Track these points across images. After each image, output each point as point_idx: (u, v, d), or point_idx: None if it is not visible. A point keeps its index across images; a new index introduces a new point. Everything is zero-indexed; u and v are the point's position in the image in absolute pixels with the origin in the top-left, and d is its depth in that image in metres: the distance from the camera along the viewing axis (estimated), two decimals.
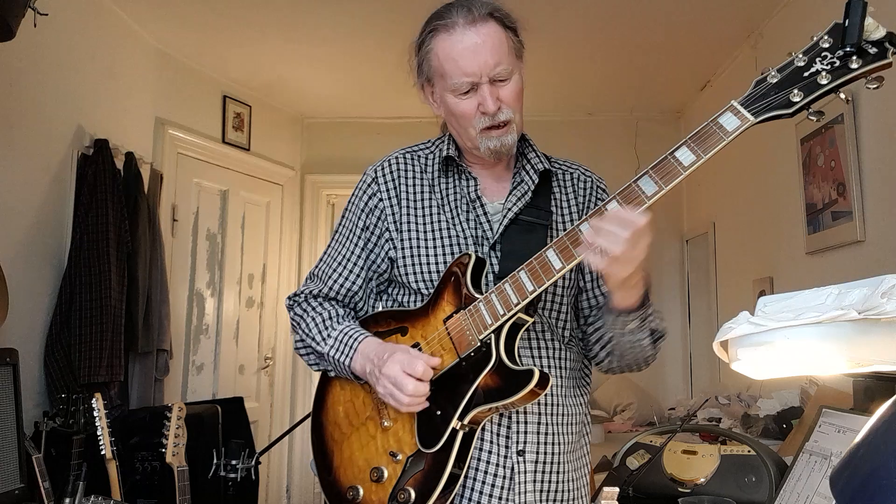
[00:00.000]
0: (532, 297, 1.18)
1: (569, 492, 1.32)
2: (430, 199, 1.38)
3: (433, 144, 1.45)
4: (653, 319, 1.29)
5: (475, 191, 1.37)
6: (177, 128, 3.75)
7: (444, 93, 1.31)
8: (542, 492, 1.29)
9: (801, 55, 1.01)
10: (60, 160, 2.82)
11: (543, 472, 1.29)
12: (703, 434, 2.05)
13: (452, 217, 1.36)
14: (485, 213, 1.35)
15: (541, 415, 1.30)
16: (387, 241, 1.38)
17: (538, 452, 1.29)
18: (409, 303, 1.37)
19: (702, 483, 1.75)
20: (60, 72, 2.82)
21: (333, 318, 1.37)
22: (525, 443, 1.28)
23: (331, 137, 4.76)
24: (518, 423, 1.29)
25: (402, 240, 1.36)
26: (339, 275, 1.40)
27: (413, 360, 1.21)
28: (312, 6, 3.17)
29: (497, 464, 1.27)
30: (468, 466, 1.25)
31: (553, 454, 1.31)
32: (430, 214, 1.37)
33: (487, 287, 1.26)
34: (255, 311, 4.36)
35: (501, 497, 1.26)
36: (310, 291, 1.43)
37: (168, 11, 3.26)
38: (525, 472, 1.27)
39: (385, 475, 1.25)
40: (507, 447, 1.28)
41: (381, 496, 1.24)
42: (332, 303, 1.42)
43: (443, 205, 1.38)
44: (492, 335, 1.21)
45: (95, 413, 2.08)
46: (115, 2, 3.17)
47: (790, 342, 0.79)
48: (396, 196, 1.39)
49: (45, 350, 2.69)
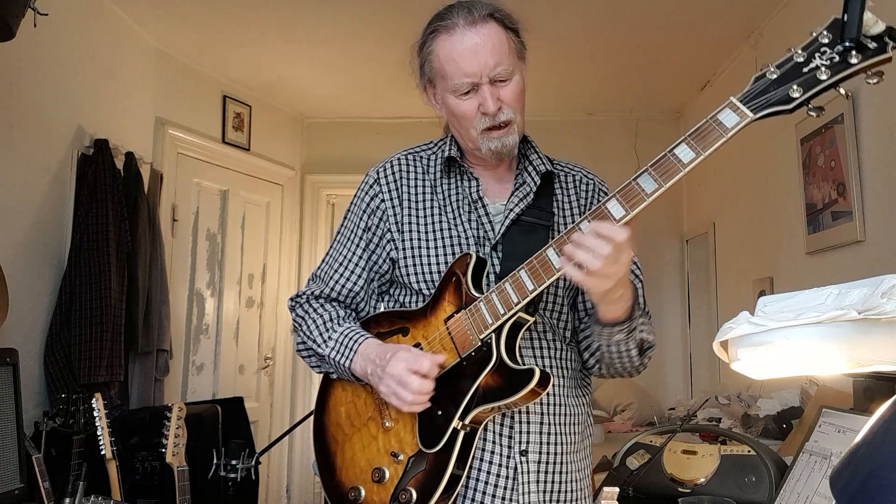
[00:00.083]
0: (532, 296, 1.18)
1: (572, 492, 1.32)
2: (432, 200, 1.38)
3: (435, 146, 1.45)
4: (641, 331, 1.29)
5: (477, 191, 1.36)
6: (177, 128, 3.75)
7: (446, 94, 1.31)
8: (546, 492, 1.28)
9: (800, 51, 1.00)
10: (60, 160, 2.82)
11: (547, 473, 1.29)
12: (703, 434, 2.05)
13: (454, 218, 1.36)
14: (486, 214, 1.35)
15: (543, 415, 1.30)
16: (388, 242, 1.38)
17: (541, 452, 1.29)
18: (411, 303, 1.36)
19: (702, 483, 1.75)
20: (60, 72, 2.82)
21: (334, 320, 1.37)
22: (528, 443, 1.28)
23: (331, 137, 4.76)
24: (520, 423, 1.28)
25: (404, 240, 1.36)
26: (341, 276, 1.40)
27: (418, 358, 1.21)
28: (312, 6, 3.17)
29: (500, 464, 1.27)
30: (470, 467, 1.25)
31: (556, 454, 1.30)
32: (432, 215, 1.37)
33: (488, 287, 1.25)
34: (255, 311, 4.36)
35: (505, 497, 1.26)
36: (311, 293, 1.43)
37: (168, 11, 3.26)
38: (528, 473, 1.27)
39: (386, 476, 1.25)
40: (510, 447, 1.28)
41: (383, 497, 1.24)
42: (334, 304, 1.42)
43: (444, 205, 1.37)
44: (492, 335, 1.21)
45: (95, 413, 2.08)
46: (115, 2, 3.17)
47: (790, 342, 0.79)
48: (398, 197, 1.39)
49: (45, 350, 2.69)
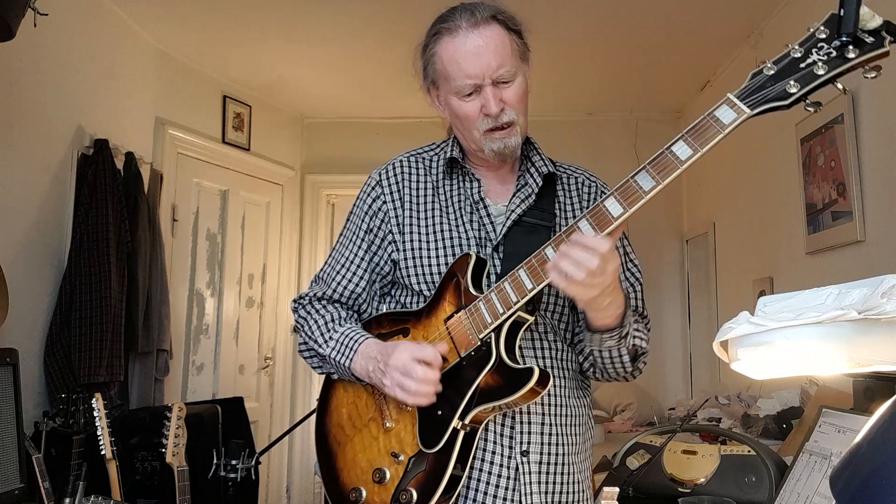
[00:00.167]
0: (531, 295, 1.18)
1: (574, 493, 1.32)
2: (434, 201, 1.39)
3: (438, 147, 1.46)
4: (635, 337, 1.29)
5: (478, 192, 1.37)
6: (177, 128, 3.75)
7: (449, 95, 1.32)
8: (547, 493, 1.28)
9: (798, 46, 1.00)
10: (60, 160, 2.82)
11: (548, 474, 1.29)
12: (703, 434, 2.05)
13: (455, 219, 1.36)
14: (488, 215, 1.35)
15: (544, 415, 1.30)
16: (389, 244, 1.38)
17: (542, 453, 1.28)
18: (412, 304, 1.37)
19: (702, 483, 1.74)
20: (60, 72, 2.82)
21: (335, 321, 1.38)
22: (529, 443, 1.28)
23: (331, 137, 4.76)
24: (521, 424, 1.28)
25: (405, 241, 1.36)
26: (343, 277, 1.41)
27: (421, 347, 1.22)
28: (312, 6, 3.17)
29: (501, 464, 1.27)
30: (471, 467, 1.25)
31: (558, 455, 1.30)
32: (434, 216, 1.37)
33: (488, 287, 1.25)
34: (255, 311, 4.36)
35: (506, 498, 1.26)
36: (314, 294, 1.44)
37: (168, 11, 3.26)
38: (529, 474, 1.27)
39: (387, 476, 1.25)
40: (511, 448, 1.28)
41: (384, 497, 1.24)
42: (336, 305, 1.42)
43: (446, 206, 1.38)
44: (492, 334, 1.21)
45: (95, 413, 2.08)
46: (115, 2, 3.17)
47: (790, 342, 0.79)
48: (400, 198, 1.39)
49: (45, 350, 2.69)
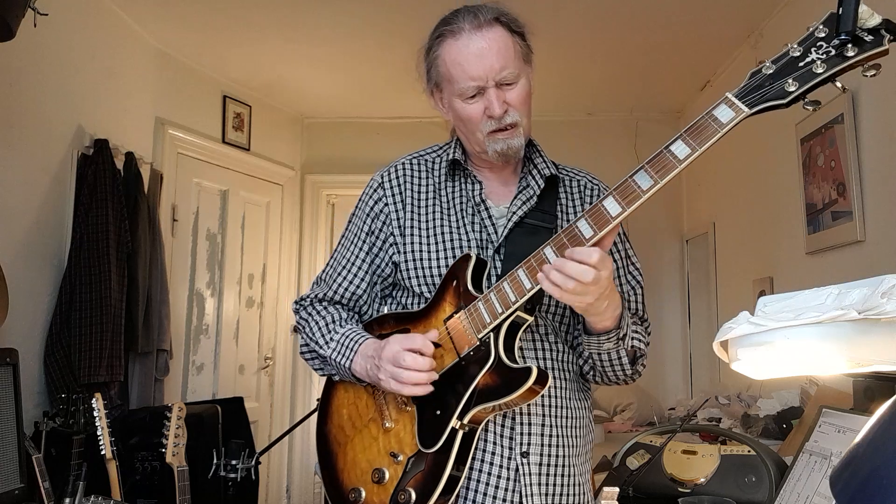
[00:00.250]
0: (529, 295, 1.18)
1: (574, 495, 1.31)
2: (435, 203, 1.39)
3: (441, 149, 1.46)
4: (633, 339, 1.29)
5: (480, 194, 1.37)
6: (177, 128, 3.74)
7: (452, 97, 1.32)
8: (548, 495, 1.28)
9: (797, 46, 1.00)
10: (60, 160, 2.82)
11: (549, 475, 1.28)
12: (703, 434, 2.05)
13: (457, 221, 1.36)
14: (489, 217, 1.36)
15: (545, 416, 1.30)
16: (391, 246, 1.38)
17: (542, 455, 1.28)
18: (413, 306, 1.37)
19: (702, 483, 1.74)
20: (60, 72, 2.82)
21: (336, 322, 1.38)
22: (529, 444, 1.28)
23: (331, 137, 4.76)
24: (521, 425, 1.28)
25: (406, 243, 1.36)
26: (344, 279, 1.41)
27: (410, 336, 1.23)
28: (312, 6, 3.17)
29: (500, 465, 1.27)
30: (471, 468, 1.25)
31: (559, 457, 1.30)
32: (435, 218, 1.37)
33: (488, 288, 1.25)
34: (255, 311, 4.36)
35: (505, 499, 1.26)
36: (315, 295, 1.44)
37: (168, 11, 3.26)
38: (530, 475, 1.27)
39: (386, 476, 1.25)
40: (511, 448, 1.27)
41: (383, 497, 1.24)
42: (337, 307, 1.42)
43: (448, 209, 1.38)
44: (491, 334, 1.21)
45: (95, 413, 2.08)
46: (115, 2, 3.16)
47: (790, 342, 0.79)
48: (402, 201, 1.39)
49: (45, 350, 2.69)
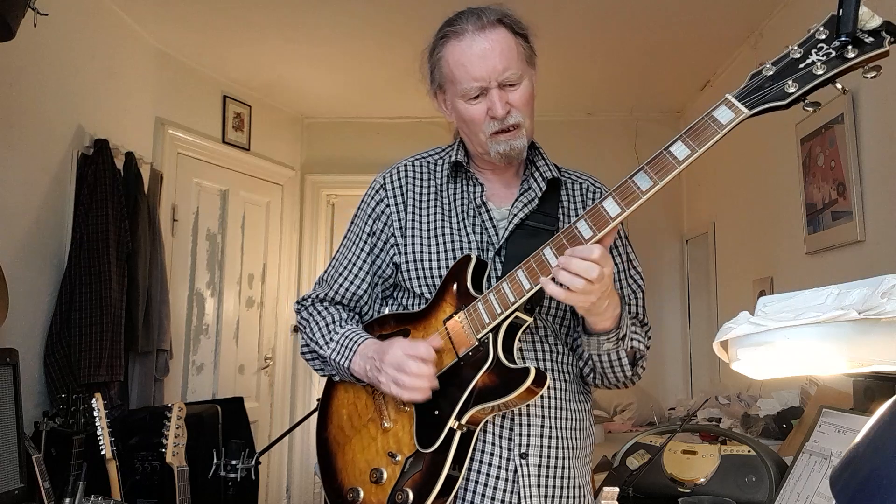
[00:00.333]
0: (529, 296, 1.18)
1: (574, 498, 1.31)
2: (437, 205, 1.39)
3: (443, 151, 1.46)
4: (633, 340, 1.29)
5: (481, 196, 1.37)
6: (177, 128, 3.74)
7: (455, 98, 1.32)
8: (547, 497, 1.28)
9: (797, 47, 1.00)
10: (60, 160, 2.82)
11: (548, 477, 1.28)
12: (703, 434, 2.05)
13: (458, 223, 1.37)
14: (490, 219, 1.36)
15: (544, 418, 1.30)
16: (392, 247, 1.39)
17: (541, 456, 1.28)
18: (413, 307, 1.37)
19: (702, 483, 1.74)
20: (60, 72, 2.82)
21: (336, 322, 1.38)
22: (528, 446, 1.28)
23: (331, 137, 4.76)
24: (521, 426, 1.28)
25: (406, 244, 1.37)
26: (345, 279, 1.42)
27: (414, 343, 1.23)
28: (312, 6, 3.17)
29: (499, 466, 1.27)
30: (469, 468, 1.25)
31: (558, 458, 1.30)
32: (436, 220, 1.38)
33: (488, 289, 1.25)
34: (255, 311, 4.36)
35: (504, 500, 1.26)
36: (316, 296, 1.45)
37: (168, 11, 3.26)
38: (529, 476, 1.27)
39: (384, 476, 1.25)
40: (510, 449, 1.27)
41: (381, 497, 1.24)
42: (338, 307, 1.43)
43: (449, 210, 1.38)
44: (490, 334, 1.21)
45: (95, 413, 2.08)
46: (115, 2, 3.16)
47: (790, 342, 0.78)
48: (403, 202, 1.39)
49: (45, 350, 2.69)
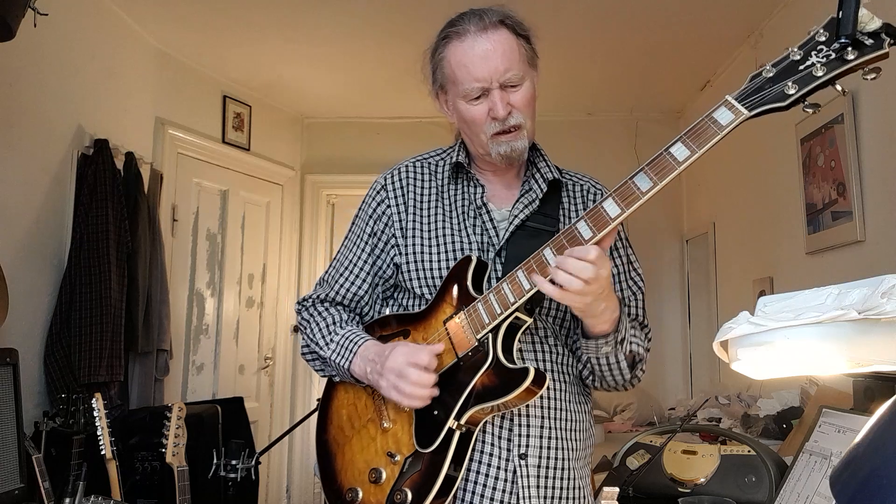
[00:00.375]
0: (528, 296, 1.18)
1: (574, 499, 1.31)
2: (437, 206, 1.39)
3: (444, 152, 1.46)
4: (631, 342, 1.29)
5: (481, 197, 1.37)
6: (177, 128, 3.74)
7: (457, 99, 1.32)
8: (547, 498, 1.28)
9: (797, 49, 1.00)
10: (60, 160, 2.82)
11: (547, 478, 1.28)
12: (703, 434, 2.05)
13: (458, 224, 1.37)
14: (491, 220, 1.36)
15: (544, 418, 1.30)
16: (392, 248, 1.39)
17: (541, 457, 1.28)
18: (414, 307, 1.37)
19: (702, 483, 1.74)
20: (60, 72, 2.81)
21: (337, 323, 1.38)
22: (527, 446, 1.28)
23: (331, 137, 4.76)
24: (520, 427, 1.28)
25: (407, 245, 1.37)
26: (346, 280, 1.42)
27: (417, 350, 1.22)
28: (312, 6, 3.17)
29: (498, 466, 1.26)
30: (468, 469, 1.24)
31: (557, 459, 1.30)
32: (436, 221, 1.38)
33: (489, 289, 1.25)
34: (255, 311, 4.36)
35: (503, 500, 1.25)
36: (317, 297, 1.45)
37: (168, 11, 3.26)
38: (528, 477, 1.27)
39: (383, 476, 1.25)
40: (509, 450, 1.27)
41: (380, 497, 1.23)
42: (339, 308, 1.43)
43: (450, 211, 1.38)
44: (489, 335, 1.21)
45: (95, 413, 2.08)
46: (115, 2, 3.16)
47: (790, 342, 0.78)
48: (404, 203, 1.40)
49: (45, 350, 2.69)
